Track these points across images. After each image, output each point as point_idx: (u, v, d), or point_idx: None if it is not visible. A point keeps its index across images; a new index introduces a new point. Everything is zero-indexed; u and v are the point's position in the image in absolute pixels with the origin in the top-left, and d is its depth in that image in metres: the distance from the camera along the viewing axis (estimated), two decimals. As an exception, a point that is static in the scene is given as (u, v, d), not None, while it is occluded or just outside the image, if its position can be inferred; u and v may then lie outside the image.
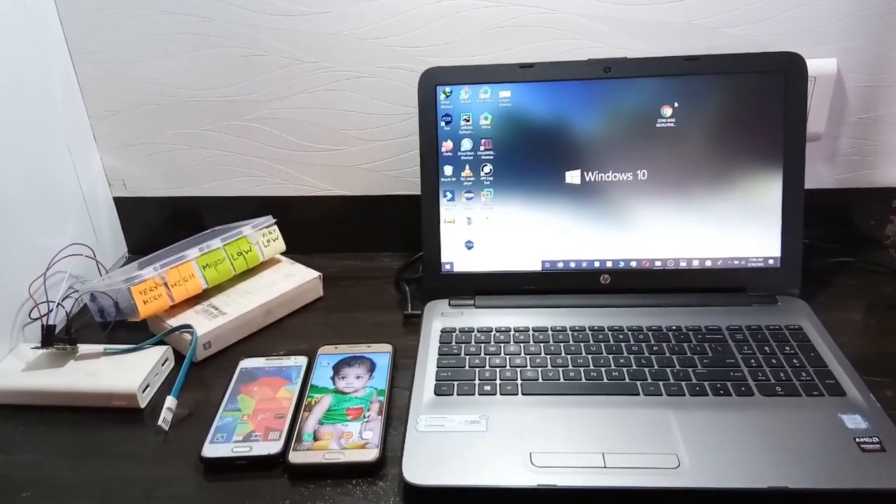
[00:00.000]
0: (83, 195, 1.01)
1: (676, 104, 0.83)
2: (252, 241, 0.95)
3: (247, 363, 0.82)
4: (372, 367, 0.79)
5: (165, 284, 0.85)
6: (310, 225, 1.07)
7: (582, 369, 0.74)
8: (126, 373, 0.78)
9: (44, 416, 0.76)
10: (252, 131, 1.02)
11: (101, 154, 1.05)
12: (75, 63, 0.98)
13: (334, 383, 0.77)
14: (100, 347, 0.82)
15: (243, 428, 0.70)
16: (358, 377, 0.77)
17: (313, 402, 0.73)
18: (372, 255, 1.08)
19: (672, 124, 0.83)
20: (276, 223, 0.98)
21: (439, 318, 0.85)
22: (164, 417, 0.72)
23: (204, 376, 0.82)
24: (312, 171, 1.04)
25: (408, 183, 1.04)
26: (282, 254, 0.99)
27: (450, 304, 0.87)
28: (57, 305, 0.84)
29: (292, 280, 0.94)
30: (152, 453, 0.70)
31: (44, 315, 0.81)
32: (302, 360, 0.81)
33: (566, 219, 0.86)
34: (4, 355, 0.82)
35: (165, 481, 0.66)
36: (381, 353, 0.81)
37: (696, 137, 0.83)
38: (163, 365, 0.82)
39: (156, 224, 1.10)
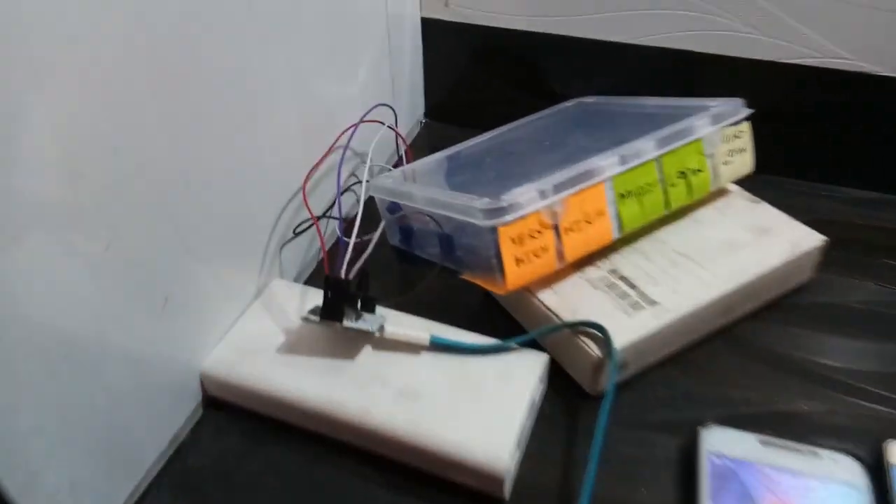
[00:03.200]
0: (386, 12, 0.57)
1: None
2: (707, 149, 0.47)
3: (715, 439, 0.38)
4: None
5: (555, 228, 0.42)
6: (800, 128, 0.57)
7: None
8: (476, 412, 0.38)
9: (298, 449, 0.40)
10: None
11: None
12: None
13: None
14: (421, 328, 0.42)
15: None
16: None
17: None
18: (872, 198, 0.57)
19: None
20: (748, 118, 0.49)
21: None
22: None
23: (620, 440, 0.40)
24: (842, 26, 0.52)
25: None
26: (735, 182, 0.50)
27: None
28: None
29: (772, 243, 0.46)
30: None
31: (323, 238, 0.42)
32: (850, 469, 0.36)
33: None
34: (243, 309, 0.45)
35: None
36: None
37: None
38: (537, 397, 0.41)
39: (479, 75, 0.66)
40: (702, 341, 0.45)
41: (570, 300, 0.43)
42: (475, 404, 0.38)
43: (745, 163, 0.49)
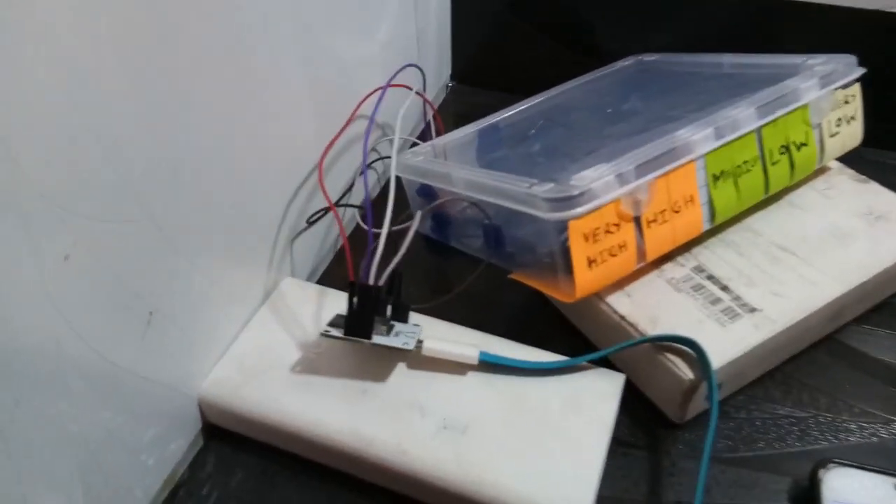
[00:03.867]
0: None
1: None
2: (813, 118, 0.38)
3: (839, 483, 0.30)
4: None
5: (636, 219, 0.34)
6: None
7: None
8: (541, 451, 0.30)
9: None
10: None
11: None
12: None
13: None
14: (466, 342, 0.33)
15: None
16: None
17: None
18: None
19: None
20: (860, 79, 0.40)
21: None
22: None
23: (715, 481, 0.32)
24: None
25: None
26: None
27: None
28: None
29: (889, 231, 0.38)
30: None
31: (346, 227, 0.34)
32: None
33: None
34: (248, 316, 0.37)
35: None
36: None
37: None
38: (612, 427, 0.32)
39: (515, 30, 0.57)
40: (801, 352, 0.37)
41: (647, 306, 0.34)
42: (539, 440, 0.31)
43: (854, 134, 0.40)
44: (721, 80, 0.44)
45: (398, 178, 0.41)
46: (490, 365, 0.33)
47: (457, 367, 0.33)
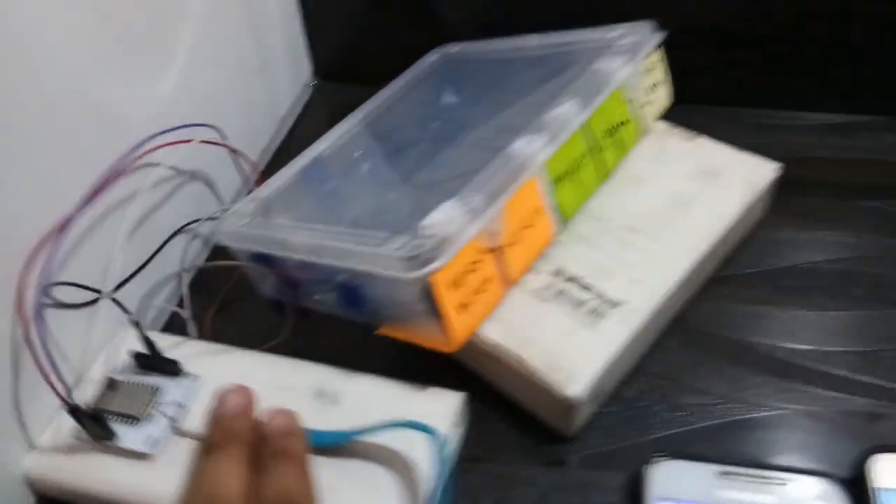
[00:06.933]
0: None
1: None
2: (628, 94, 0.38)
3: (663, 477, 0.30)
4: None
5: (493, 251, 0.32)
6: (749, 49, 0.48)
7: None
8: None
9: None
10: None
11: None
12: None
13: None
14: (297, 373, 0.29)
15: None
16: None
17: None
18: (841, 122, 0.49)
19: None
20: (662, 44, 0.40)
21: None
22: None
23: (557, 487, 0.32)
24: None
25: None
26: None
27: None
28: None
29: (724, 185, 0.39)
30: None
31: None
32: (827, 498, 0.29)
33: None
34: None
35: None
36: None
37: None
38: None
39: (371, 18, 0.53)
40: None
41: (517, 327, 0.33)
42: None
43: (663, 97, 0.41)
44: (528, 66, 0.43)
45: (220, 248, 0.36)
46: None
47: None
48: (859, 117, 0.49)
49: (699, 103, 0.47)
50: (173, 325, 0.39)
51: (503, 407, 0.34)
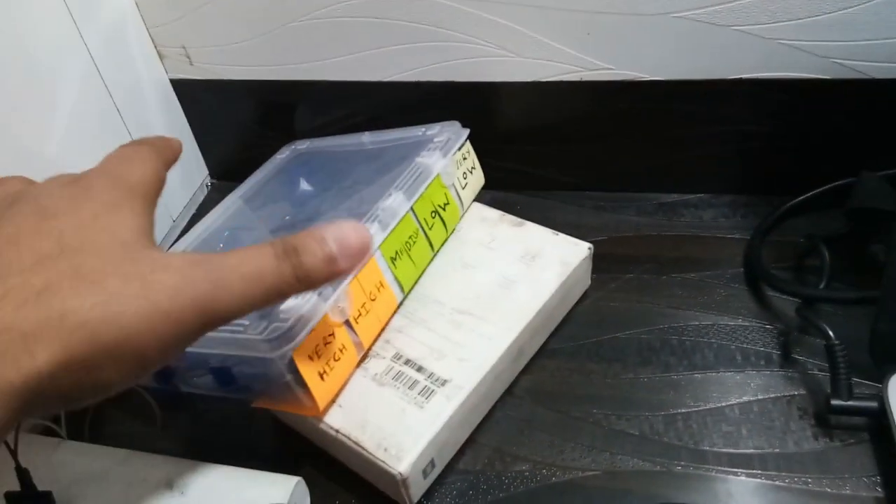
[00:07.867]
0: (99, 71, 0.47)
1: None
2: (446, 181, 0.46)
3: None
4: None
5: (348, 323, 0.38)
6: (517, 135, 0.54)
7: None
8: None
9: None
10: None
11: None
12: None
13: None
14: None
15: None
16: None
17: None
18: (671, 201, 0.54)
19: None
20: (468, 139, 0.49)
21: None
22: None
23: None
24: (567, 30, 0.48)
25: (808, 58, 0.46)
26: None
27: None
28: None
29: (543, 266, 0.44)
30: None
31: None
32: None
33: None
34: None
35: None
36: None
37: None
38: None
39: (249, 127, 0.60)
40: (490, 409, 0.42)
41: (357, 411, 0.37)
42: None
43: (478, 178, 0.50)
44: (366, 159, 0.50)
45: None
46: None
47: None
48: (687, 196, 0.55)
49: (549, 189, 0.55)
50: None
51: (355, 483, 0.38)
